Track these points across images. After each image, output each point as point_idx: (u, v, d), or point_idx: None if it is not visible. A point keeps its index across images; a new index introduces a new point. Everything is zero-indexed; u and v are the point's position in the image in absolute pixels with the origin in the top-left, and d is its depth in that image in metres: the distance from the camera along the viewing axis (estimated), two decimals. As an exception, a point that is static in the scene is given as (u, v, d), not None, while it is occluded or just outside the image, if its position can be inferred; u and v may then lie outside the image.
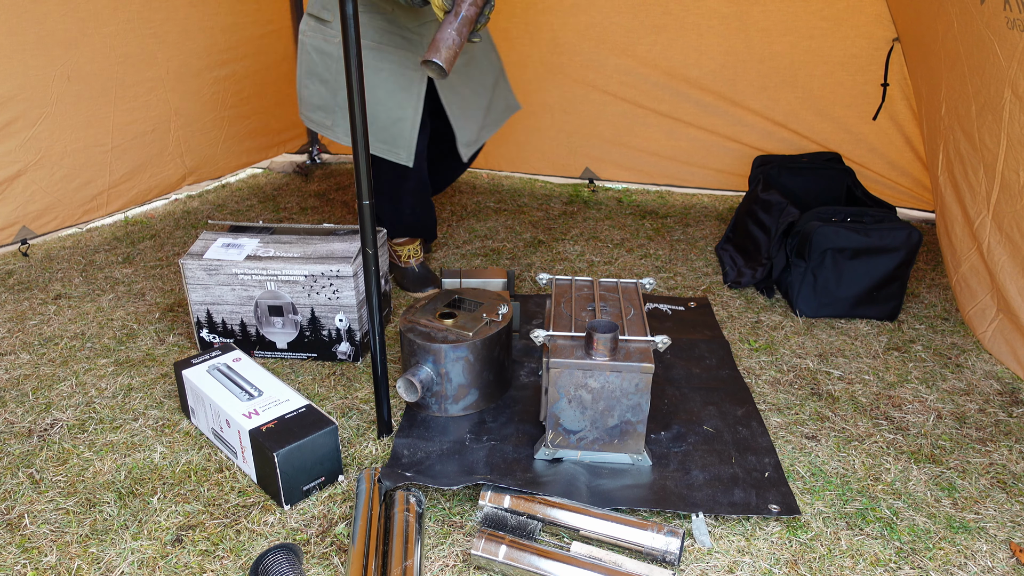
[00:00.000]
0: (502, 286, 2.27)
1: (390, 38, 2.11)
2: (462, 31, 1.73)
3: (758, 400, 1.88)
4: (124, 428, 1.76)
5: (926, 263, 2.68)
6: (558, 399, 1.56)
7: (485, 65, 2.35)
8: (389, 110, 2.15)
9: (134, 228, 3.05)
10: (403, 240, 2.50)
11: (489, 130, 2.40)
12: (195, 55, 3.24)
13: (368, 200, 1.51)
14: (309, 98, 2.26)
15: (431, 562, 1.38)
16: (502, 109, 2.45)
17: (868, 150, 3.03)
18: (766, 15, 2.94)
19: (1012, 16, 1.85)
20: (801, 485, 1.58)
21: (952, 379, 1.98)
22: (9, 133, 2.64)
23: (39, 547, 1.41)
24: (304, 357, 2.05)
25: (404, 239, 2.50)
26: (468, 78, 2.28)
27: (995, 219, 2.02)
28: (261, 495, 1.55)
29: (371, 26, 2.09)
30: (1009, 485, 1.58)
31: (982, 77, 2.03)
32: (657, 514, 1.50)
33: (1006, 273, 1.98)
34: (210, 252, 2.01)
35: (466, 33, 1.75)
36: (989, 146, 2.01)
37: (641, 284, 1.82)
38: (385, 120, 2.16)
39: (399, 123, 2.16)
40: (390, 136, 2.18)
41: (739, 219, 2.70)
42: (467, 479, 1.54)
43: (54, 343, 2.15)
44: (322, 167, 3.88)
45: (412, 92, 2.15)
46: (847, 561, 1.39)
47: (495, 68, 2.41)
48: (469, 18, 1.74)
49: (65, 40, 2.75)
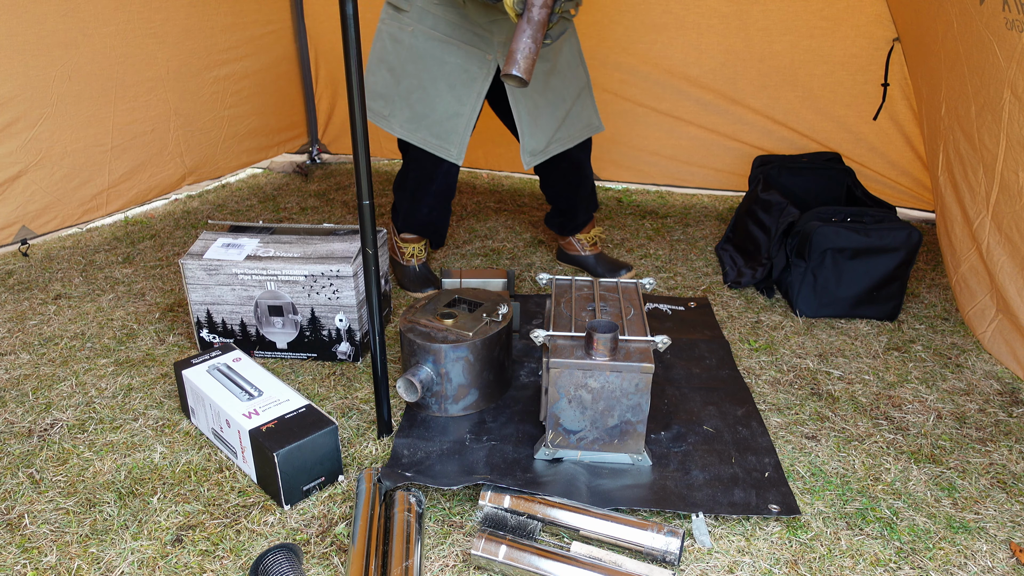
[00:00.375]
0: (502, 286, 2.27)
1: (460, 33, 2.08)
2: (537, 37, 1.69)
3: (758, 400, 1.88)
4: (124, 428, 1.76)
5: (926, 263, 2.68)
6: (558, 399, 1.56)
7: (569, 76, 2.25)
8: (448, 104, 2.12)
9: (134, 228, 3.05)
10: (411, 237, 2.49)
11: (561, 144, 2.27)
12: (195, 55, 3.24)
13: (368, 200, 1.51)
14: (373, 85, 2.22)
15: (431, 562, 1.38)
16: (580, 126, 2.32)
17: (868, 150, 3.03)
18: (766, 14, 2.94)
19: (1011, 17, 1.85)
20: (801, 485, 1.58)
21: (952, 379, 1.98)
22: (10, 134, 2.64)
23: (39, 547, 1.41)
24: (304, 357, 2.05)
25: (412, 236, 2.49)
26: (546, 87, 2.19)
27: (994, 219, 2.02)
28: (261, 495, 1.55)
29: (444, 19, 2.07)
30: (1009, 485, 1.58)
31: (981, 77, 2.03)
32: (657, 514, 1.50)
33: (1005, 273, 1.98)
34: (210, 252, 2.01)
35: (541, 38, 1.71)
36: (988, 146, 2.01)
37: (641, 284, 1.82)
38: (442, 114, 2.13)
39: (455, 119, 2.13)
40: (444, 131, 2.15)
41: (739, 219, 2.70)
42: (467, 479, 1.54)
43: (54, 343, 2.15)
44: (322, 167, 3.88)
45: (473, 90, 2.12)
46: (847, 561, 1.39)
47: (579, 82, 2.29)
48: (542, 22, 1.70)
49: (65, 40, 2.75)
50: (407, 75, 2.14)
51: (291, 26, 3.69)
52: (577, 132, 2.30)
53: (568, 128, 2.28)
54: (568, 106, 2.26)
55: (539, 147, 2.23)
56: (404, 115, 2.17)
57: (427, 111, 2.14)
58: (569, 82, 2.25)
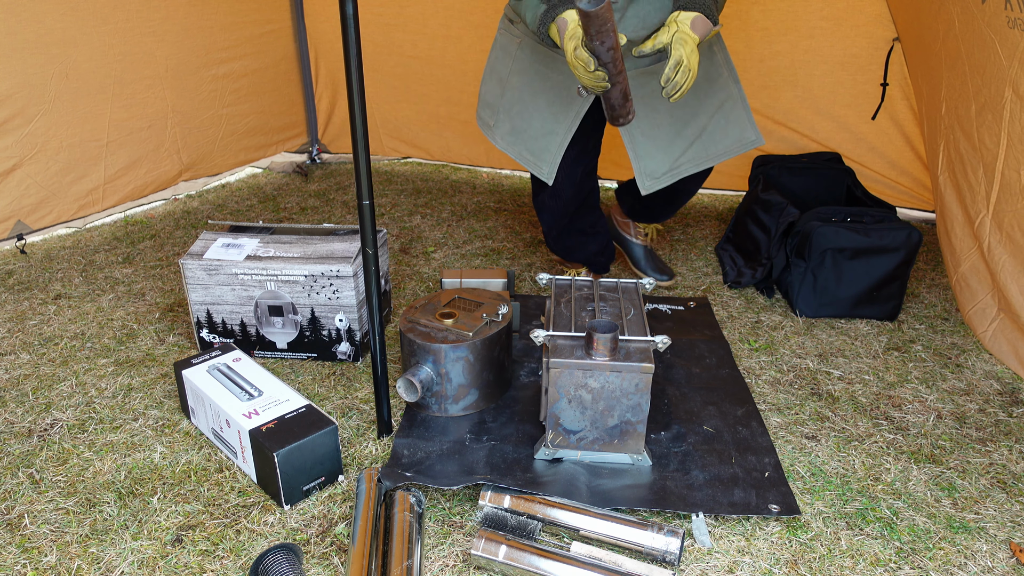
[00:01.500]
0: (502, 286, 2.27)
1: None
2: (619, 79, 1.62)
3: (758, 400, 1.88)
4: (124, 428, 1.76)
5: (926, 263, 2.68)
6: (558, 399, 1.56)
7: (704, 88, 2.01)
8: (544, 121, 2.04)
9: (134, 228, 3.05)
10: (570, 264, 2.49)
11: (695, 164, 2.04)
12: (194, 53, 3.24)
13: (368, 200, 1.51)
14: (484, 95, 2.18)
15: (431, 562, 1.38)
16: (729, 141, 2.06)
17: (868, 150, 3.03)
18: (766, 14, 2.94)
19: (1013, 16, 1.85)
20: (801, 485, 1.58)
21: (952, 379, 1.98)
22: (7, 130, 2.64)
23: (39, 547, 1.41)
24: (304, 357, 2.05)
25: (570, 264, 2.48)
26: (667, 101, 1.96)
27: (995, 218, 2.02)
28: (261, 495, 1.54)
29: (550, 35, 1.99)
30: (1009, 485, 1.58)
31: (983, 76, 2.03)
32: (657, 514, 1.50)
33: (1007, 272, 1.98)
34: (210, 252, 2.01)
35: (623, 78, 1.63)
36: (989, 145, 2.01)
37: (641, 284, 1.82)
38: (538, 130, 2.05)
39: (549, 136, 2.04)
40: (538, 148, 2.06)
41: (739, 219, 2.70)
42: (467, 479, 1.54)
43: (54, 343, 2.15)
44: (322, 167, 3.88)
45: (571, 109, 2.00)
46: (847, 561, 1.39)
47: (721, 92, 2.04)
48: (617, 59, 1.59)
49: (63, 38, 2.75)
50: (511, 87, 2.09)
51: (291, 25, 3.69)
52: (722, 149, 2.07)
53: (704, 146, 2.05)
54: (703, 122, 2.04)
55: (660, 168, 2.02)
56: (505, 127, 2.12)
57: (525, 126, 2.07)
58: (705, 94, 2.03)
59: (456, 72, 3.58)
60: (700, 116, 2.03)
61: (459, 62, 3.55)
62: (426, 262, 2.73)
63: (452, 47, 3.54)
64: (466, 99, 3.62)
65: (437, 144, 3.83)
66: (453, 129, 3.73)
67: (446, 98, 3.66)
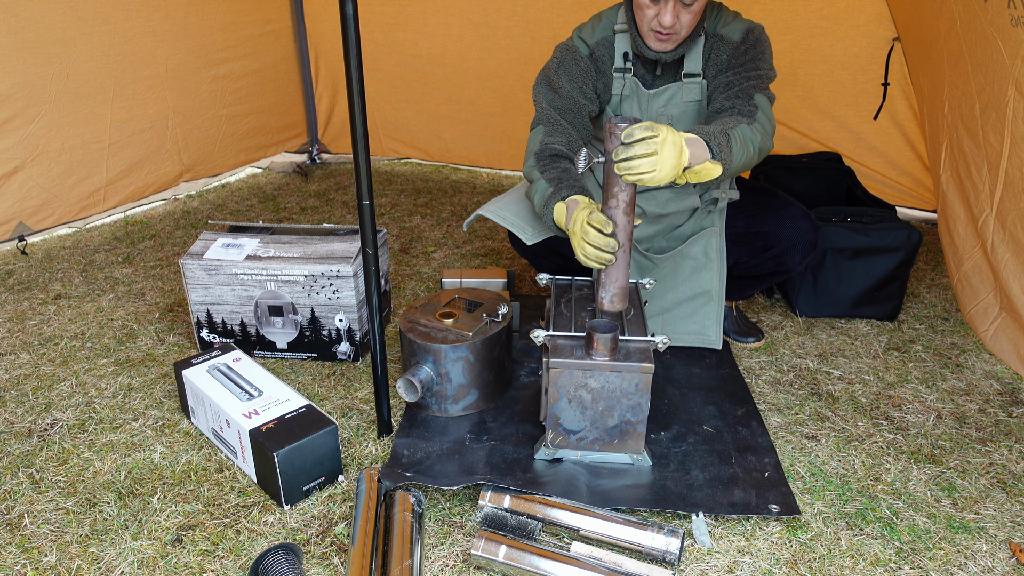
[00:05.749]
0: (502, 286, 2.27)
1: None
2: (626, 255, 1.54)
3: (758, 400, 1.88)
4: (124, 428, 1.76)
5: (926, 263, 2.68)
6: (558, 399, 1.56)
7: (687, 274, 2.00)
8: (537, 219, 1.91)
9: (134, 228, 3.05)
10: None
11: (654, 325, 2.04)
12: (193, 53, 3.24)
13: (368, 200, 1.51)
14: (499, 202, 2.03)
15: (431, 562, 1.37)
16: (687, 330, 2.04)
17: (868, 149, 3.03)
18: (766, 14, 2.94)
19: (1016, 14, 1.85)
20: (801, 485, 1.58)
21: (952, 379, 1.98)
22: (7, 131, 2.64)
23: (39, 547, 1.41)
24: (304, 357, 2.05)
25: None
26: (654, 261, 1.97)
27: (999, 217, 2.02)
28: (261, 495, 1.54)
29: None
30: (1009, 485, 1.58)
31: (986, 75, 2.03)
32: (657, 514, 1.50)
33: (1009, 271, 1.98)
34: (210, 252, 2.01)
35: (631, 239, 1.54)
36: (993, 144, 2.01)
37: (641, 284, 1.82)
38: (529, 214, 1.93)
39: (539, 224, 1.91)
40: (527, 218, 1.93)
41: (739, 218, 2.70)
42: (467, 479, 1.54)
43: (54, 343, 2.15)
44: (322, 167, 3.88)
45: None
46: (847, 561, 1.38)
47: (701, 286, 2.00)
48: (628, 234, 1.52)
49: (63, 39, 2.75)
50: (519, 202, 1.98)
51: (291, 26, 3.69)
52: (679, 332, 2.04)
53: (665, 321, 2.05)
54: (671, 302, 2.03)
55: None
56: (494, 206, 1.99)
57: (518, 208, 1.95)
58: (687, 279, 2.01)
59: (457, 71, 3.58)
60: (674, 292, 2.02)
61: (459, 60, 3.55)
62: (426, 262, 2.73)
63: (453, 46, 3.54)
64: (466, 98, 3.62)
65: (437, 144, 3.83)
66: (453, 128, 3.73)
67: (447, 97, 3.66)
